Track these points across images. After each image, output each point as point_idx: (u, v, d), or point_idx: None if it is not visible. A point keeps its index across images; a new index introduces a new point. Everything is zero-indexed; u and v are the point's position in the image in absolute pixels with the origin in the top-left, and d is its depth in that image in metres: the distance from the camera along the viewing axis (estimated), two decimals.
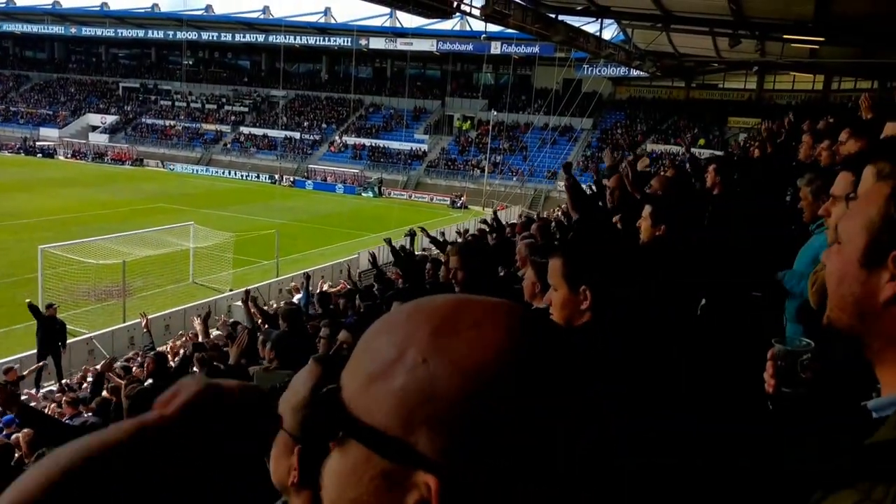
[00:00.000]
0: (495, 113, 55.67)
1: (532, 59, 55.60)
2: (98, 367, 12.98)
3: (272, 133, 61.52)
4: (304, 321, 6.80)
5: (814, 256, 3.05)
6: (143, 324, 9.75)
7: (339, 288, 18.24)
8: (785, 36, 20.26)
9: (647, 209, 3.97)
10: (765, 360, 1.87)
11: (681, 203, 5.70)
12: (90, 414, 7.68)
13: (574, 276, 2.09)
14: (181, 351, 11.51)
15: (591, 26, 25.32)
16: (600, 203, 7.00)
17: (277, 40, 62.68)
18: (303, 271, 24.01)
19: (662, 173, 8.59)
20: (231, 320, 15.54)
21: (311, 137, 60.62)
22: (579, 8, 21.37)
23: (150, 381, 7.67)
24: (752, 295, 5.12)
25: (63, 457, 0.63)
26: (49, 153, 60.71)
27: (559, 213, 19.52)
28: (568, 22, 22.93)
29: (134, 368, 11.28)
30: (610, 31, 29.48)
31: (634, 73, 42.73)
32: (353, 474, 0.60)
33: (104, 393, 8.93)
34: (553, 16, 21.55)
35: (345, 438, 0.61)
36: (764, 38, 21.13)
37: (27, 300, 16.10)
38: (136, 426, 0.67)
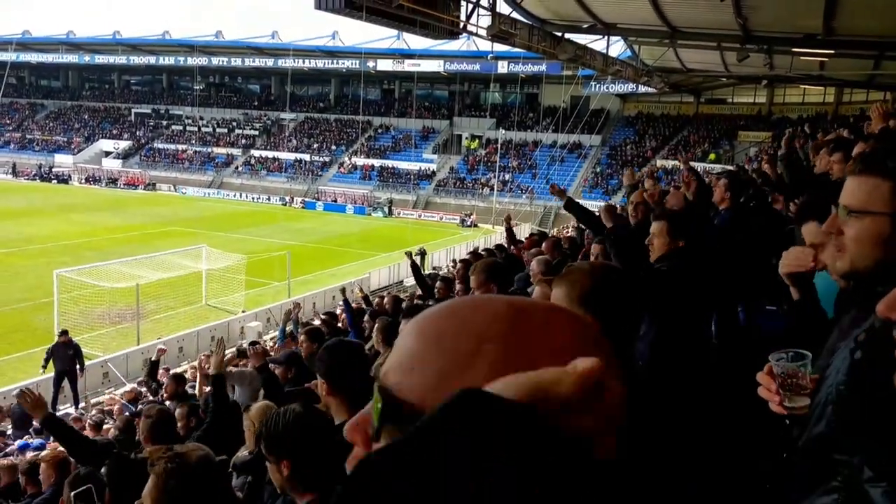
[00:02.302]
0: (503, 131, 55.91)
1: (539, 78, 55.87)
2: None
3: (282, 155, 61.98)
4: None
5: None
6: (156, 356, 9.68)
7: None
8: (793, 49, 20.26)
9: (661, 225, 3.97)
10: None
11: (696, 217, 5.76)
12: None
13: (579, 307, 1.90)
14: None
15: (597, 43, 25.44)
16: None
17: (286, 64, 63.33)
18: (317, 290, 24.21)
19: (678, 188, 8.63)
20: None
21: (321, 159, 61.02)
22: (585, 26, 21.51)
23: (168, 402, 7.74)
24: (766, 308, 5.14)
25: None
26: (64, 179, 61.39)
27: (570, 230, 19.58)
28: (574, 40, 23.08)
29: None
30: (617, 48, 29.65)
31: (642, 88, 42.80)
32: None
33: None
34: (559, 34, 21.70)
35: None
36: (772, 51, 21.16)
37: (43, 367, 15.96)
38: None
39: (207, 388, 9.95)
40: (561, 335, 0.61)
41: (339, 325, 10.06)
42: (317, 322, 10.99)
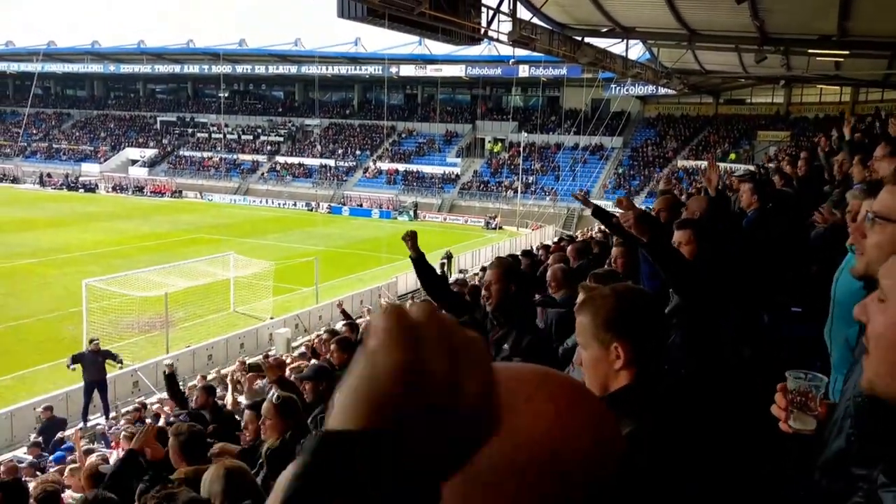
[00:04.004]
0: (526, 134, 55.89)
1: (560, 81, 55.89)
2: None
3: (307, 161, 62.43)
4: None
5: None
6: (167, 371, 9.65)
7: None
8: (809, 51, 20.24)
9: (687, 233, 3.99)
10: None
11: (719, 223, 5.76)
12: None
13: (606, 333, 1.87)
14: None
15: (617, 47, 25.50)
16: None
17: (310, 71, 63.74)
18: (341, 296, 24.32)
19: (700, 194, 8.59)
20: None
21: (346, 164, 61.38)
22: (604, 30, 21.55)
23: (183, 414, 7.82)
24: (791, 310, 5.15)
25: None
26: (91, 188, 62.27)
27: (595, 232, 19.55)
28: (594, 44, 23.11)
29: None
30: (636, 51, 29.59)
31: (662, 90, 42.63)
32: None
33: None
34: (579, 38, 21.74)
35: None
36: (789, 53, 21.14)
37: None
38: None
39: (239, 398, 10.10)
40: (545, 404, 0.63)
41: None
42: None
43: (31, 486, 7.43)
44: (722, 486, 1.90)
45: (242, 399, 9.14)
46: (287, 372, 7.09)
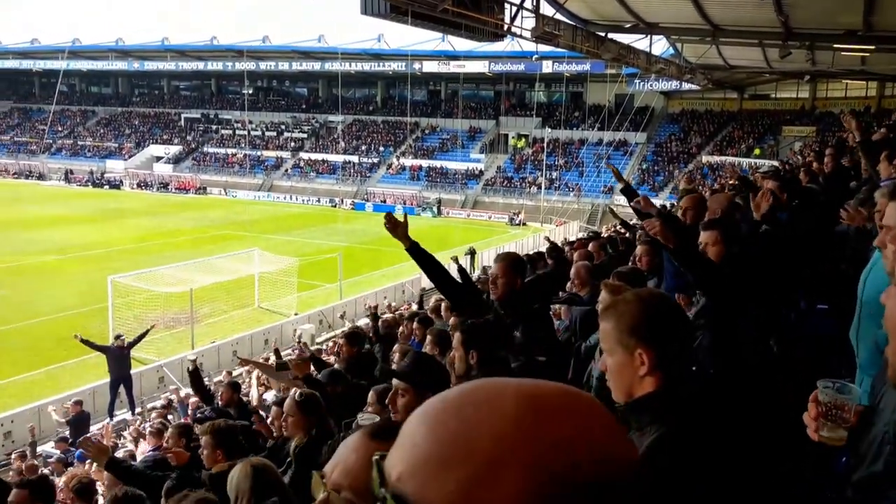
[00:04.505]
0: (549, 130, 55.70)
1: (584, 77, 55.54)
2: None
3: (331, 158, 62.68)
4: None
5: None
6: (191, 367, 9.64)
7: (404, 308, 18.45)
8: (834, 46, 20.01)
9: (714, 234, 3.94)
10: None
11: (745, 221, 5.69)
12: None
13: (628, 341, 1.85)
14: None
15: (640, 42, 25.28)
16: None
17: (333, 67, 63.90)
18: (369, 292, 24.37)
19: (724, 191, 8.49)
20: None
21: (369, 160, 61.55)
22: (628, 25, 21.37)
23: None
24: (818, 307, 5.09)
25: None
26: (115, 185, 62.92)
27: (617, 227, 19.41)
28: (617, 39, 22.94)
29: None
30: (660, 46, 29.38)
31: (686, 86, 42.30)
32: None
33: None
34: (602, 34, 21.58)
35: None
36: (814, 48, 20.88)
37: (75, 336, 16.20)
38: None
39: (262, 390, 10.18)
40: (573, 428, 0.61)
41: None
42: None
43: (63, 479, 7.55)
44: (734, 486, 1.87)
45: (269, 396, 9.20)
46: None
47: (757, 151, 48.51)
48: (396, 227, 4.16)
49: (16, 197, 52.67)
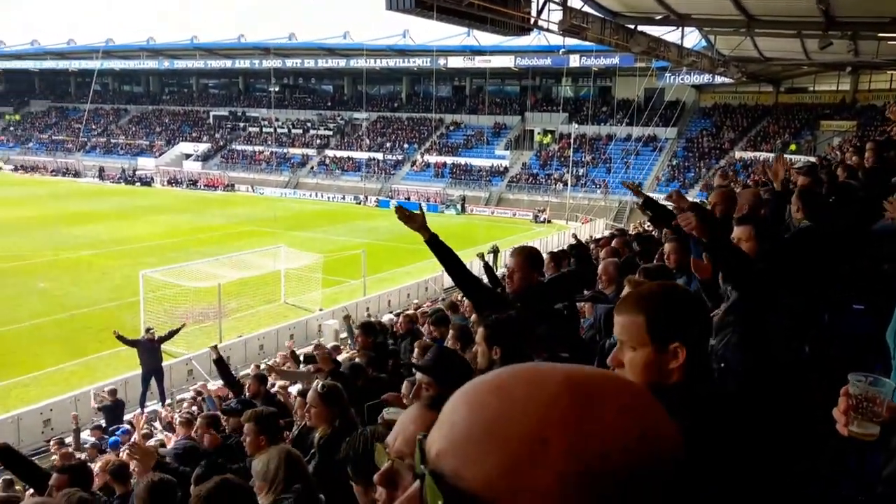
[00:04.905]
0: (576, 126, 55.28)
1: (612, 70, 55.02)
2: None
3: (356, 155, 62.88)
4: None
5: None
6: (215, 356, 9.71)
7: (426, 305, 18.42)
8: (879, 35, 19.40)
9: (747, 229, 3.85)
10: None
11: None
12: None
13: (664, 334, 1.81)
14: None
15: (671, 35, 24.88)
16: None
17: (358, 64, 64.12)
18: (392, 289, 24.46)
19: (751, 187, 8.31)
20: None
21: (394, 157, 61.63)
22: (658, 17, 21.04)
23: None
24: (853, 307, 4.93)
25: None
26: (147, 182, 63.81)
27: (644, 225, 19.21)
28: (647, 32, 22.61)
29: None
30: (692, 39, 28.86)
31: (719, 79, 41.60)
32: None
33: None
34: (632, 27, 21.28)
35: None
36: (857, 37, 20.27)
37: (114, 332, 16.68)
38: None
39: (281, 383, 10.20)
40: (621, 414, 0.60)
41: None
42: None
43: (97, 465, 7.77)
44: (748, 486, 1.82)
45: (293, 389, 9.24)
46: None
47: (793, 147, 47.43)
48: (410, 219, 4.11)
49: (53, 194, 53.77)
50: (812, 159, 25.33)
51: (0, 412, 14.87)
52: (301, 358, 10.94)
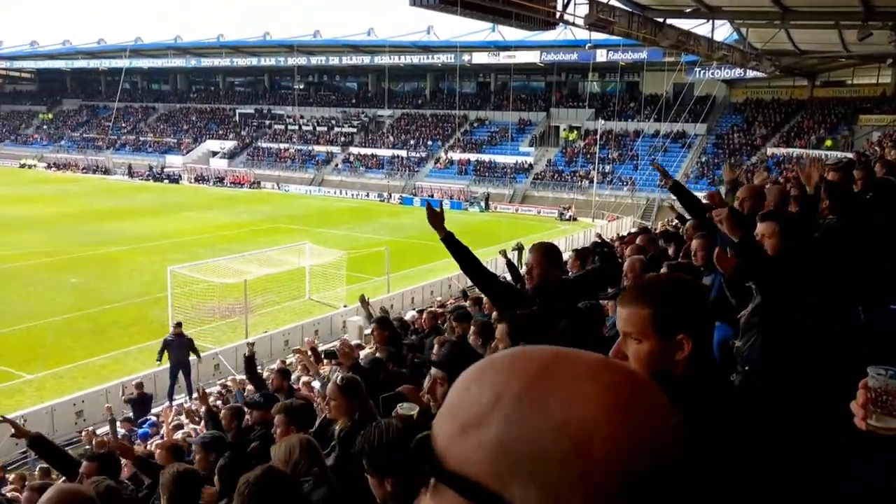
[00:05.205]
0: (603, 122, 54.78)
1: (640, 65, 54.53)
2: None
3: (380, 152, 62.98)
4: None
5: None
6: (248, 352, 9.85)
7: (450, 302, 18.35)
8: None
9: (771, 225, 3.74)
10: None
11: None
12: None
13: (669, 325, 1.80)
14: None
15: (701, 28, 24.47)
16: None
17: (382, 61, 64.22)
18: (415, 286, 24.46)
19: (773, 183, 8.10)
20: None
21: (418, 155, 61.63)
22: (688, 10, 20.72)
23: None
24: (891, 308, 4.77)
25: None
26: (175, 179, 64.62)
27: (673, 221, 18.94)
28: (676, 25, 22.25)
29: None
30: (722, 32, 28.36)
31: (751, 73, 40.86)
32: None
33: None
34: (660, 20, 20.95)
35: (438, 484, 0.60)
36: None
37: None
38: None
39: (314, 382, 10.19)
40: (575, 405, 0.59)
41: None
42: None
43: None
44: (752, 485, 1.77)
45: (316, 383, 9.26)
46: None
47: (829, 143, 46.51)
48: (435, 217, 4.28)
49: (84, 191, 54.76)
50: (849, 155, 24.76)
51: (35, 403, 15.26)
52: (322, 354, 10.96)
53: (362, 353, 8.74)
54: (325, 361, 8.03)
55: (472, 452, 0.58)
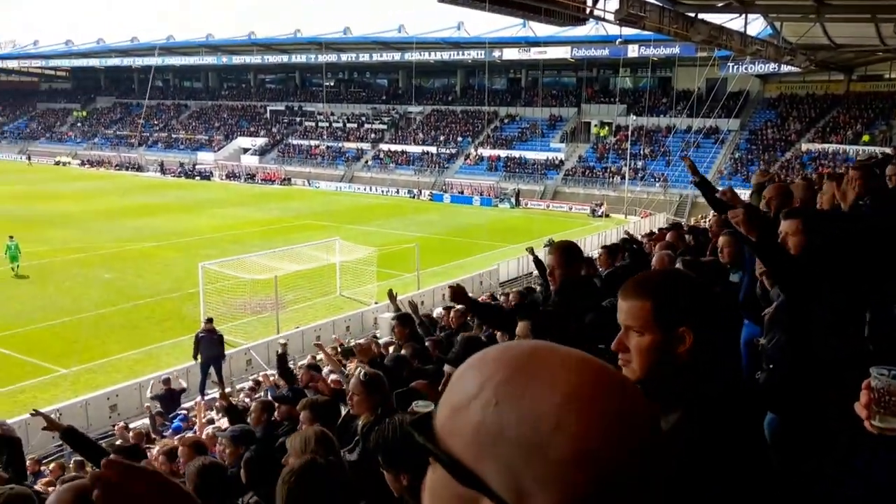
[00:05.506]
0: (634, 117, 54.26)
1: (672, 60, 53.90)
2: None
3: (410, 148, 63.07)
4: None
5: None
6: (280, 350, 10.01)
7: (481, 299, 18.34)
8: None
9: (794, 223, 3.68)
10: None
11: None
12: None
13: (670, 319, 1.82)
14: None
15: (734, 22, 24.11)
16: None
17: (413, 57, 64.23)
18: (445, 283, 24.43)
19: (799, 181, 7.98)
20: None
21: (448, 151, 61.59)
22: (721, 4, 20.48)
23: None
24: None
25: None
26: (206, 176, 65.34)
27: (711, 220, 18.73)
28: (708, 20, 21.96)
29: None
30: (756, 26, 27.97)
31: (785, 68, 40.18)
32: (437, 490, 0.68)
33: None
34: (692, 15, 20.70)
35: (433, 460, 0.68)
36: None
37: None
38: None
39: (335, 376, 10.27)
40: (544, 400, 0.64)
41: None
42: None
43: (156, 448, 8.17)
44: (752, 485, 1.76)
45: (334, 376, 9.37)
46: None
47: (866, 138, 45.52)
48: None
49: (118, 188, 55.58)
50: (888, 150, 24.26)
51: (70, 397, 15.51)
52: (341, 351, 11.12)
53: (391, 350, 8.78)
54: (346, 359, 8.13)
55: (457, 432, 0.65)
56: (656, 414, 0.68)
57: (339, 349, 12.72)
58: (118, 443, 10.66)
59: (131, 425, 12.76)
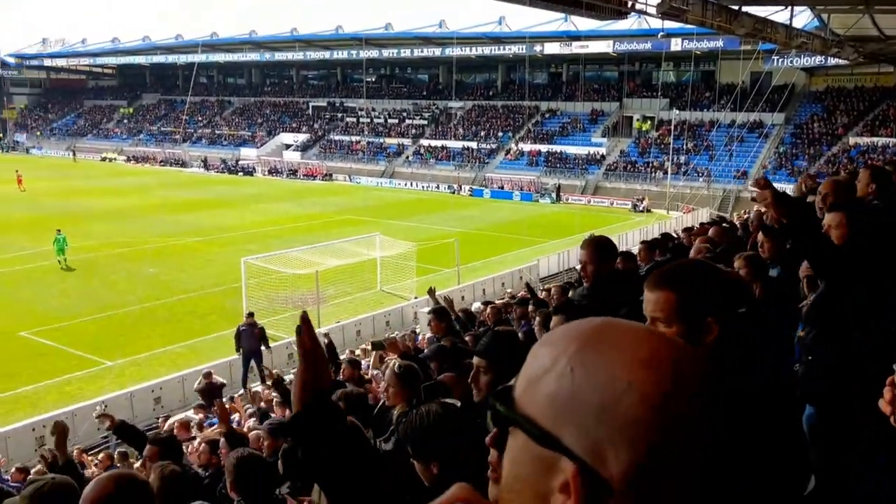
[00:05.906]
0: (677, 112, 53.49)
1: (715, 54, 52.95)
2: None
3: (450, 144, 63.10)
4: None
5: None
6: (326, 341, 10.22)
7: (520, 294, 18.33)
8: None
9: (838, 216, 3.63)
10: None
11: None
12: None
13: (695, 310, 1.85)
14: None
15: (779, 15, 23.62)
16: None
17: (453, 53, 64.21)
18: (485, 278, 24.48)
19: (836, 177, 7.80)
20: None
21: (488, 146, 61.48)
22: None
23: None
24: None
25: None
26: (249, 171, 66.27)
27: (752, 214, 18.39)
28: (753, 12, 21.54)
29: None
30: (802, 18, 27.33)
31: (832, 61, 39.22)
32: (518, 455, 0.74)
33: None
34: (736, 7, 20.35)
35: (514, 429, 0.74)
36: None
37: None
38: None
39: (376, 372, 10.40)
40: (613, 368, 0.70)
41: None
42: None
43: (197, 440, 8.38)
44: (782, 482, 1.76)
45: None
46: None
47: None
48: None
49: (162, 183, 56.68)
50: None
51: (115, 389, 15.90)
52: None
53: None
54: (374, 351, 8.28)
55: (534, 402, 0.72)
56: (720, 376, 0.75)
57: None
58: (152, 433, 10.92)
59: (171, 419, 13.05)
